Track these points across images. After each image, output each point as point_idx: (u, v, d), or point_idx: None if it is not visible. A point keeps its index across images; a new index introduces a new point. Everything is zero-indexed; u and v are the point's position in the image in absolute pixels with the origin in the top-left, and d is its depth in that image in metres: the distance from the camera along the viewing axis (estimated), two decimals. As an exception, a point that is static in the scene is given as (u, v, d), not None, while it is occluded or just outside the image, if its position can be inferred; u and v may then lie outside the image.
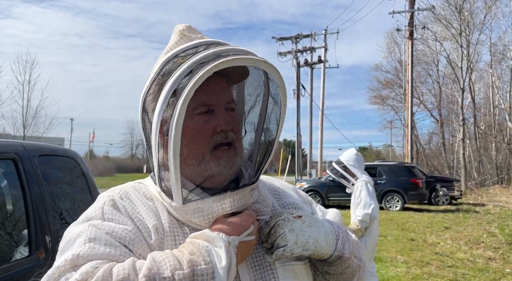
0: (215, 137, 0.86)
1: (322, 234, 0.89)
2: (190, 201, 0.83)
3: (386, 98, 38.25)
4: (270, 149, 0.94)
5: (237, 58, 0.79)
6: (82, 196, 3.20)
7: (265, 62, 0.83)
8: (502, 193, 19.70)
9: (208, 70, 0.76)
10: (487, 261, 6.86)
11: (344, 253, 0.90)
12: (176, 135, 0.78)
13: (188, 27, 0.93)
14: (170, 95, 0.79)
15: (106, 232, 0.78)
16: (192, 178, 0.87)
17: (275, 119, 0.92)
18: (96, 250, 0.74)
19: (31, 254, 2.41)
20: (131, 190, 0.91)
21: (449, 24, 25.48)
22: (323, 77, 30.21)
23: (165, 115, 0.80)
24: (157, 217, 0.85)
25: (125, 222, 0.82)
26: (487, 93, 30.93)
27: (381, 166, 15.31)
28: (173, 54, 0.86)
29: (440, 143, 34.27)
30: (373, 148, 64.05)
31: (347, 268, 0.93)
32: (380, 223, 10.78)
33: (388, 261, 6.83)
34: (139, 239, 0.80)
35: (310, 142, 29.51)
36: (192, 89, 0.76)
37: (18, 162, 2.53)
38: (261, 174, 0.94)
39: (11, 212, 2.55)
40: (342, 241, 0.92)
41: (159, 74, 0.85)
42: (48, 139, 32.50)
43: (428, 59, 32.35)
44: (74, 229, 0.81)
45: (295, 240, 0.84)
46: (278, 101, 0.91)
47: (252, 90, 0.96)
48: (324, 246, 0.88)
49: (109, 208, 0.84)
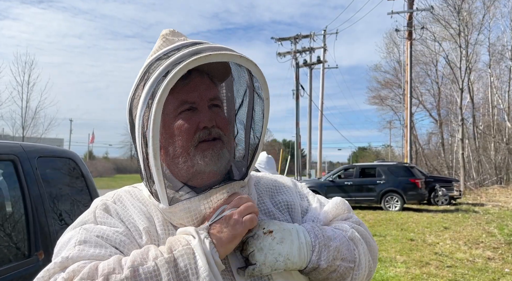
0: (198, 134, 0.86)
1: (295, 250, 0.84)
2: (176, 202, 0.83)
3: (385, 99, 38.29)
4: (257, 145, 0.93)
5: (211, 54, 0.79)
6: (81, 197, 3.20)
7: (241, 56, 0.83)
8: (501, 193, 19.73)
9: (181, 69, 0.77)
10: (486, 261, 6.86)
11: (320, 264, 0.85)
12: (154, 136, 0.78)
13: (172, 31, 0.94)
14: (148, 97, 0.80)
15: (97, 235, 0.80)
16: (181, 177, 0.87)
17: (260, 114, 0.92)
18: (85, 252, 0.76)
19: (31, 255, 2.41)
20: (124, 194, 0.92)
21: (447, 24, 25.50)
22: (322, 78, 30.25)
23: (144, 118, 0.81)
24: (149, 220, 0.86)
25: (116, 225, 0.83)
26: (486, 93, 30.99)
27: (380, 166, 15.32)
28: (154, 58, 0.87)
29: (439, 143, 34.31)
30: (373, 148, 64.14)
31: (332, 273, 0.88)
32: (379, 223, 10.87)
33: (388, 261, 6.83)
34: (130, 241, 0.81)
35: (309, 142, 29.52)
36: (166, 89, 0.76)
37: (17, 163, 2.53)
38: (250, 170, 0.93)
39: (11, 213, 2.55)
40: (319, 252, 0.86)
41: (142, 79, 0.85)
42: (47, 140, 32.47)
43: (427, 59, 32.39)
44: (67, 234, 0.83)
45: (263, 260, 0.82)
46: (262, 96, 0.91)
47: (236, 86, 0.96)
48: (296, 262, 0.84)
49: (101, 212, 0.86)
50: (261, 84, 0.89)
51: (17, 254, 2.41)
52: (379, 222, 11.11)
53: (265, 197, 0.99)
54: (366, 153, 61.99)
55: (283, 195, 1.01)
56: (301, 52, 26.74)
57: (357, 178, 15.10)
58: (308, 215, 0.99)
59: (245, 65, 0.85)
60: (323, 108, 29.55)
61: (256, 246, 0.83)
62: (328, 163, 65.75)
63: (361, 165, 16.34)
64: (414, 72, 28.02)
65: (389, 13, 21.43)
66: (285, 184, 1.05)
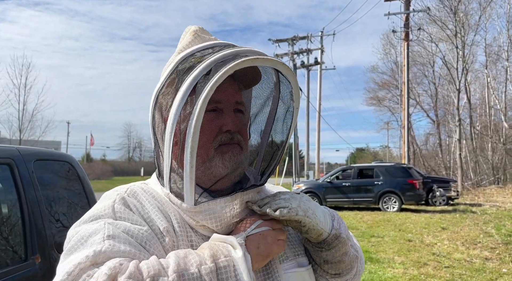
0: (221, 137, 0.84)
1: (320, 211, 0.89)
2: (201, 202, 0.81)
3: (382, 100, 38.41)
4: (278, 153, 0.93)
5: (258, 58, 0.79)
6: (78, 200, 3.19)
7: (283, 64, 0.85)
8: (499, 193, 19.77)
9: (231, 68, 0.76)
10: (484, 261, 6.88)
11: (341, 232, 0.90)
12: (195, 133, 0.76)
13: (201, 29, 0.94)
14: (189, 92, 0.78)
15: (123, 231, 0.75)
16: (199, 179, 0.85)
17: (287, 123, 0.92)
18: (117, 248, 0.70)
19: (27, 259, 2.41)
20: (138, 190, 0.87)
21: (444, 25, 25.58)
22: (320, 79, 30.30)
23: (183, 113, 0.79)
24: (167, 219, 0.82)
25: (139, 222, 0.79)
26: (483, 94, 31.08)
27: (378, 166, 15.34)
28: (188, 53, 0.85)
29: (436, 143, 34.40)
30: (370, 149, 64.23)
31: (344, 255, 0.91)
32: (377, 224, 10.88)
33: (386, 262, 6.84)
34: (154, 240, 0.77)
35: (307, 143, 29.56)
36: (214, 86, 0.76)
37: (14, 167, 2.53)
38: (269, 177, 0.94)
39: (7, 217, 2.54)
40: (338, 222, 0.92)
41: (174, 73, 0.83)
42: (45, 143, 32.36)
43: (424, 60, 32.51)
44: (83, 227, 0.76)
45: (298, 203, 0.84)
46: (291, 105, 0.91)
47: (263, 93, 0.95)
48: (322, 221, 0.87)
49: (121, 206, 0.81)
50: (294, 94, 0.90)
51: (13, 258, 2.40)
52: (377, 223, 11.12)
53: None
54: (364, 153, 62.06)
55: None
56: (298, 53, 26.79)
57: (355, 179, 15.11)
58: None
59: (285, 73, 0.87)
60: (321, 109, 29.61)
61: (289, 195, 0.87)
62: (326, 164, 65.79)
63: (359, 165, 16.35)
64: (411, 73, 28.09)
65: (386, 15, 21.50)
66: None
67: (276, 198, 0.85)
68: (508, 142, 27.17)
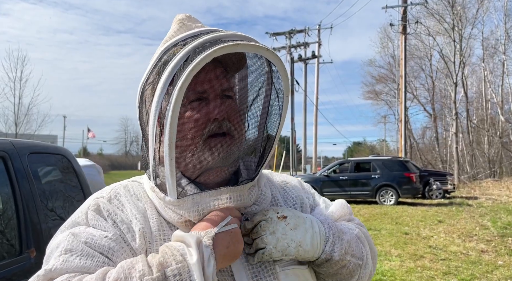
0: (209, 127, 0.81)
1: (308, 238, 0.83)
2: (185, 195, 0.79)
3: (379, 93, 38.39)
4: (272, 143, 0.89)
5: (238, 44, 0.74)
6: (74, 193, 3.17)
7: (267, 49, 0.79)
8: (494, 186, 19.89)
9: (208, 55, 0.72)
10: (479, 254, 6.92)
11: (333, 255, 0.85)
12: (172, 124, 0.74)
13: (188, 17, 0.90)
14: (168, 83, 0.75)
15: (85, 241, 0.76)
16: (187, 172, 0.84)
17: (277, 111, 0.88)
18: (70, 263, 0.73)
19: (22, 252, 2.39)
20: (122, 190, 0.87)
21: (441, 18, 25.55)
22: (317, 73, 30.24)
23: (163, 105, 0.77)
24: (145, 219, 0.82)
25: (106, 228, 0.79)
26: (480, 87, 31.15)
27: (375, 160, 15.38)
28: (171, 43, 0.82)
29: (433, 137, 34.49)
30: (367, 142, 64.36)
31: (341, 269, 0.87)
32: (374, 217, 10.92)
33: (382, 255, 6.87)
34: (119, 246, 0.77)
35: (304, 137, 29.57)
36: (189, 75, 0.72)
37: (8, 160, 2.50)
38: (262, 169, 0.89)
39: (2, 211, 2.52)
40: (332, 242, 0.86)
41: (157, 64, 0.81)
42: (41, 137, 32.22)
43: (421, 53, 32.48)
44: (57, 238, 0.80)
45: (274, 243, 0.80)
46: (280, 92, 0.87)
47: (253, 79, 0.91)
48: (309, 250, 0.83)
49: (92, 213, 0.82)
50: (282, 81, 0.85)
51: (8, 251, 2.38)
52: (374, 216, 11.17)
53: (276, 193, 0.97)
54: (361, 147, 62.20)
55: (293, 191, 1.00)
56: (295, 47, 26.69)
57: (352, 173, 15.15)
58: (315, 212, 0.98)
59: (271, 59, 0.82)
60: (318, 103, 29.57)
61: (269, 230, 0.81)
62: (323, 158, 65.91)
63: (356, 159, 16.39)
64: (409, 67, 28.11)
65: (383, 8, 21.42)
66: (293, 182, 1.04)
67: (260, 229, 0.82)
68: (504, 135, 27.31)
